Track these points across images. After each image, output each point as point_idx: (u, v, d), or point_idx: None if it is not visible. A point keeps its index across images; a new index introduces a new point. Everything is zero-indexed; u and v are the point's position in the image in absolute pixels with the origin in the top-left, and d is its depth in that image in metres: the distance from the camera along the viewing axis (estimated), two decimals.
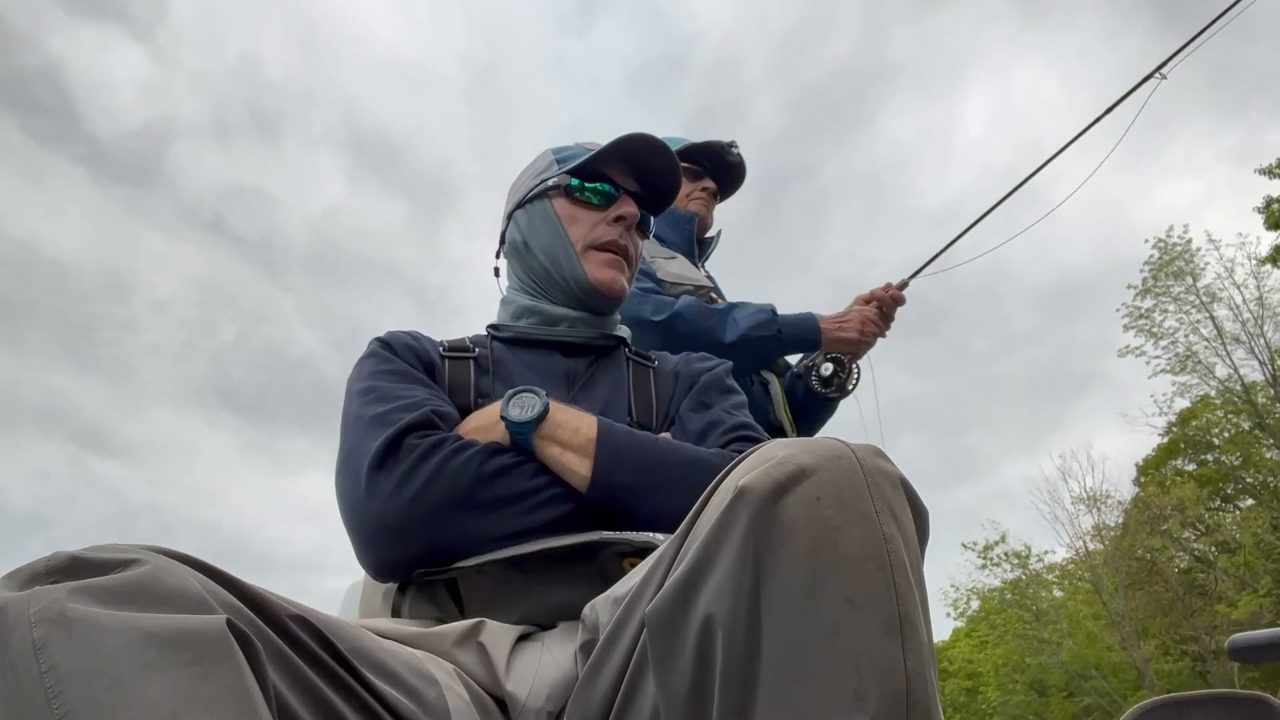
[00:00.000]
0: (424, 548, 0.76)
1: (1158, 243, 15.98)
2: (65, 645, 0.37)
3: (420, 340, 0.98)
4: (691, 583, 0.47)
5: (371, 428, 0.80)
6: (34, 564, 0.42)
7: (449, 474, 0.76)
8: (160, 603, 0.41)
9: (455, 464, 0.76)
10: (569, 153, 1.07)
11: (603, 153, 1.03)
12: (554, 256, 1.02)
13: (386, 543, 0.77)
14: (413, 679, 0.55)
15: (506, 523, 0.76)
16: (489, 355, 0.98)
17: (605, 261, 1.02)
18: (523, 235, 1.06)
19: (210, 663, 0.39)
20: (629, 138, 1.02)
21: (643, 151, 1.04)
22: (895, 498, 0.47)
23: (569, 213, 1.03)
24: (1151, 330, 16.31)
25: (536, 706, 0.61)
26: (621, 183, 1.05)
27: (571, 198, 1.03)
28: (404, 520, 0.75)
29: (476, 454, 0.78)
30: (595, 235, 1.02)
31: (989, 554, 19.64)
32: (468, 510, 0.76)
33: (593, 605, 0.63)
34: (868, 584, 0.43)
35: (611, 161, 1.05)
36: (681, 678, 0.47)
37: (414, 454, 0.77)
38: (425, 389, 0.88)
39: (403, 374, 0.90)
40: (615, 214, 1.02)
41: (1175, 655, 16.50)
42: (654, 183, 1.07)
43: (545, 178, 1.05)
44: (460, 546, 0.76)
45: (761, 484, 0.45)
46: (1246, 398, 15.94)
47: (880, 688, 0.41)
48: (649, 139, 1.02)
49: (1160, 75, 1.81)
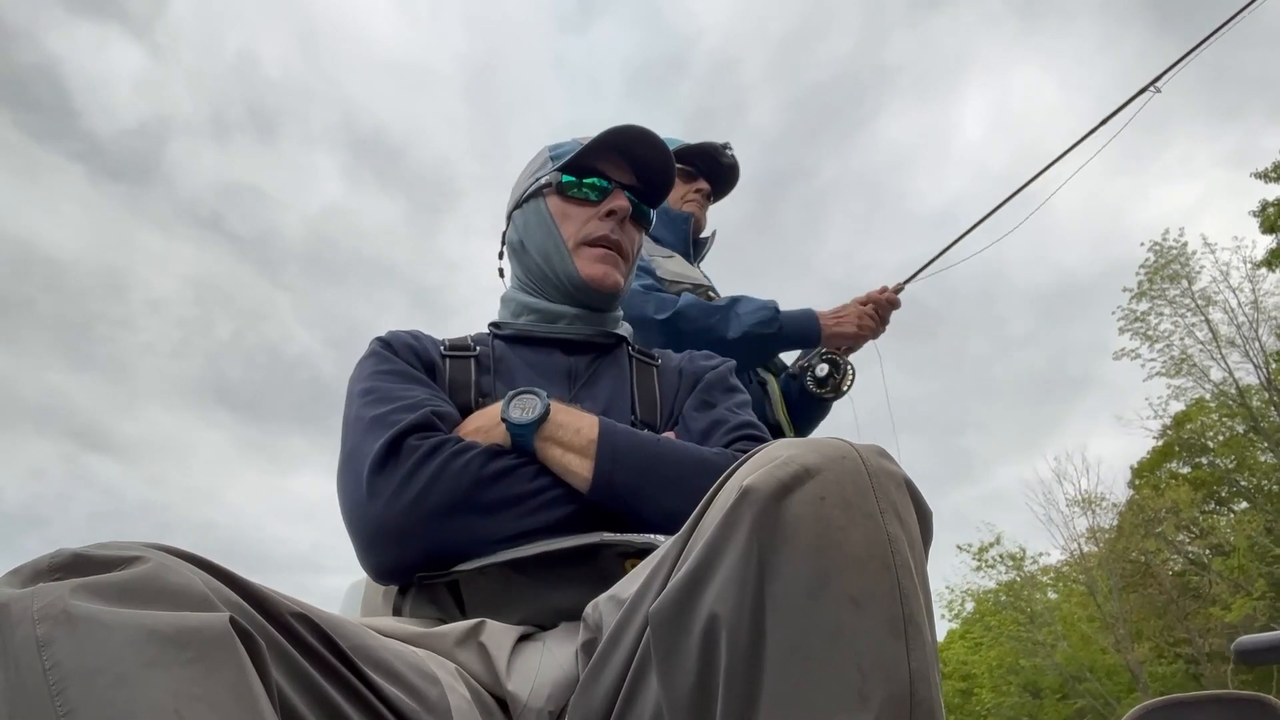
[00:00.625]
0: (424, 551, 0.76)
1: (1153, 246, 16.05)
2: (68, 642, 0.37)
3: (421, 340, 0.98)
4: (696, 582, 0.47)
5: (372, 429, 0.80)
6: (37, 561, 0.42)
7: (449, 477, 0.76)
8: (163, 600, 0.41)
9: (455, 466, 0.76)
10: (564, 149, 1.06)
11: (592, 146, 1.02)
12: (547, 255, 1.02)
13: (387, 546, 0.76)
14: (414, 678, 0.55)
15: (507, 525, 0.76)
16: (490, 353, 0.98)
17: (596, 257, 1.01)
18: (519, 235, 1.06)
19: (213, 660, 0.39)
20: (618, 129, 1.01)
21: (634, 143, 1.04)
22: (900, 498, 0.47)
23: (561, 210, 1.03)
24: (1147, 333, 16.37)
25: (538, 706, 0.61)
26: (615, 176, 1.04)
27: (564, 195, 1.03)
28: (405, 523, 0.75)
29: (477, 456, 0.78)
30: (586, 231, 1.02)
31: (984, 556, 19.69)
32: (468, 513, 0.75)
33: (595, 605, 0.63)
34: (872, 584, 0.43)
35: (604, 155, 1.04)
36: (685, 677, 0.47)
37: (414, 456, 0.77)
38: (425, 389, 0.88)
39: (403, 374, 0.90)
40: (606, 209, 1.02)
41: (1169, 658, 16.55)
42: (648, 174, 1.06)
43: (539, 176, 1.05)
44: (461, 549, 0.76)
45: (766, 484, 0.45)
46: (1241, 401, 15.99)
47: (884, 687, 0.41)
48: (638, 129, 1.02)
49: (1155, 89, 1.81)
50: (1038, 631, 18.30)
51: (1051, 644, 17.90)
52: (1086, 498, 18.54)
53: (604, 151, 1.04)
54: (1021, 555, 19.53)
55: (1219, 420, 16.90)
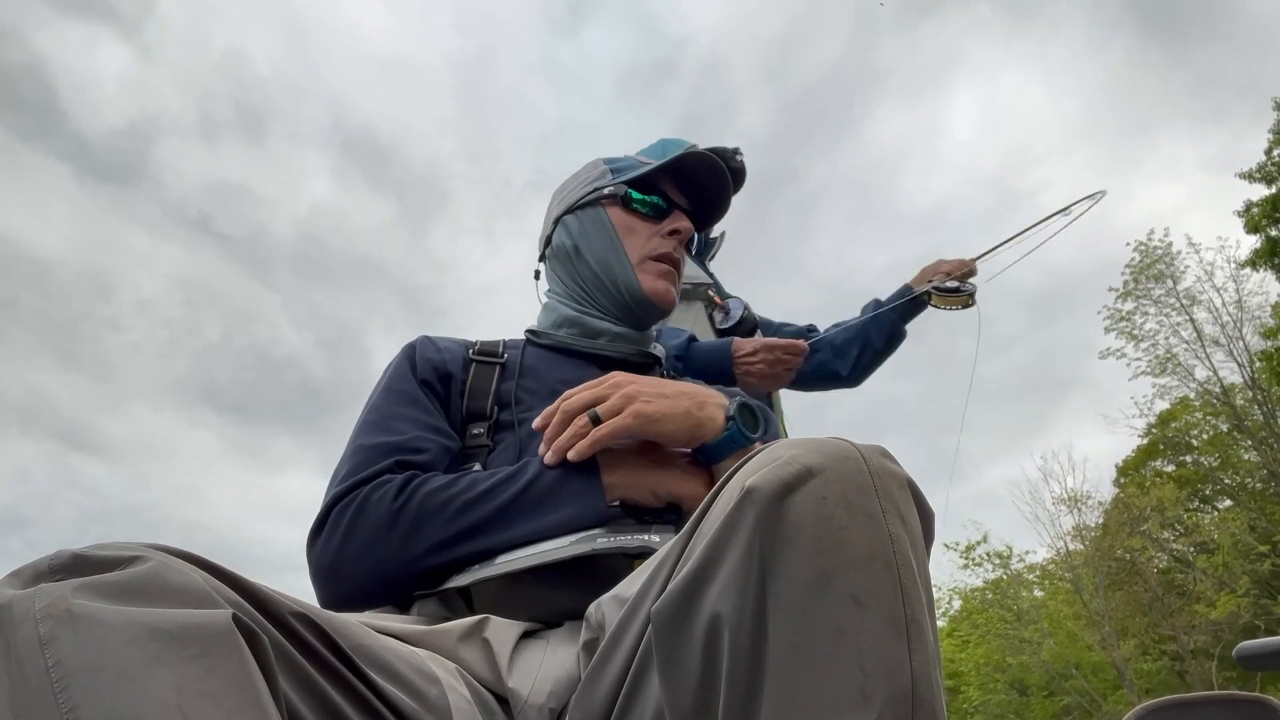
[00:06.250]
0: (368, 592, 0.77)
1: (1139, 246, 16.21)
2: (71, 640, 0.37)
3: (445, 350, 0.98)
4: (698, 581, 0.47)
5: (344, 463, 0.84)
6: (37, 562, 0.42)
7: (365, 518, 0.77)
8: (165, 598, 0.40)
9: (371, 504, 0.78)
10: (622, 163, 1.08)
11: (663, 168, 1.04)
12: (607, 264, 1.03)
13: (333, 589, 0.77)
14: (415, 677, 0.55)
15: (439, 531, 0.76)
16: (518, 360, 0.99)
17: (660, 273, 1.03)
18: (573, 240, 1.06)
19: (216, 657, 0.39)
20: (690, 155, 1.03)
21: (699, 170, 1.06)
22: (902, 498, 0.47)
23: (625, 222, 1.04)
24: (1132, 333, 16.53)
25: (538, 703, 0.61)
26: (673, 197, 1.07)
27: (627, 207, 1.04)
28: (338, 570, 0.77)
29: (391, 488, 0.79)
30: (651, 247, 1.03)
31: (970, 554, 19.82)
32: (392, 539, 0.76)
33: (597, 604, 0.63)
34: (874, 584, 0.43)
35: (665, 175, 1.06)
36: (687, 676, 0.47)
37: (344, 518, 0.78)
38: (414, 425, 0.88)
39: (407, 397, 0.91)
40: (670, 227, 1.04)
41: (1154, 655, 16.71)
42: (704, 201, 1.09)
43: (599, 186, 1.06)
44: (418, 570, 0.76)
45: (768, 483, 0.45)
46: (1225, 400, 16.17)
47: (886, 687, 0.41)
48: (708, 159, 1.04)
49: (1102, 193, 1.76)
50: (1024, 629, 18.45)
51: (1038, 641, 18.05)
52: (1072, 496, 18.71)
53: (666, 173, 1.06)
54: (1008, 553, 19.70)
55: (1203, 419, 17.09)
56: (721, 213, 1.11)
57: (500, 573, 0.74)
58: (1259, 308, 15.55)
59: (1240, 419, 16.02)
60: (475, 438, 0.91)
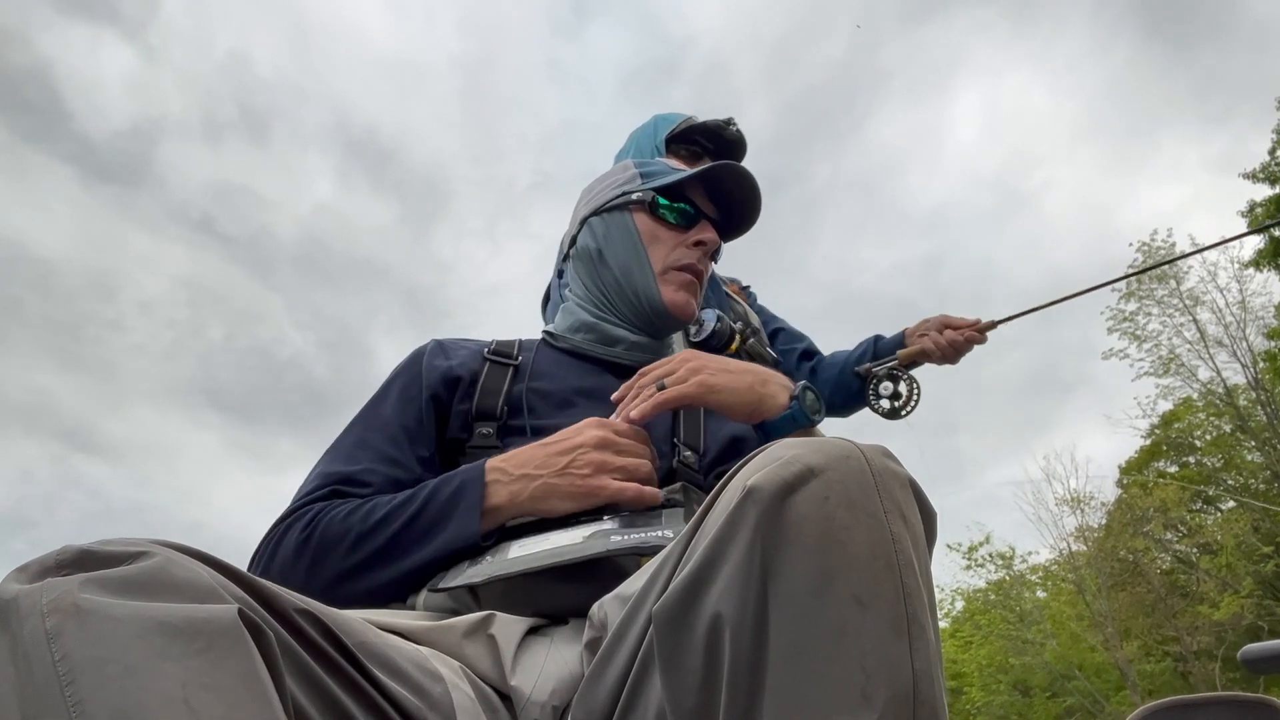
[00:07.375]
0: None
1: (1142, 246, 16.15)
2: (78, 634, 0.37)
3: (455, 355, 0.97)
4: (699, 581, 0.47)
5: (303, 484, 0.86)
6: (44, 558, 0.42)
7: (281, 550, 0.78)
8: (171, 593, 0.41)
9: (288, 537, 0.79)
10: (652, 168, 1.07)
11: (694, 177, 1.03)
12: (629, 271, 1.03)
13: None
14: (418, 675, 0.55)
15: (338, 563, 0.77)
16: (531, 362, 0.98)
17: (682, 283, 1.02)
18: (598, 243, 1.06)
19: (222, 650, 0.39)
20: (723, 167, 1.03)
21: (729, 181, 1.05)
22: (904, 498, 0.47)
23: (650, 230, 1.03)
24: (1135, 333, 16.49)
25: (541, 700, 0.61)
26: (702, 207, 1.06)
27: (654, 214, 1.04)
28: None
29: (304, 520, 0.80)
30: (675, 257, 1.02)
31: (973, 555, 19.80)
32: (298, 572, 0.77)
33: (601, 603, 0.63)
34: (876, 584, 0.43)
35: (695, 184, 1.05)
36: (689, 676, 0.47)
37: (267, 548, 0.80)
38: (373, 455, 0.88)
39: (381, 421, 0.91)
40: (696, 238, 1.03)
41: (1157, 655, 16.67)
42: (732, 212, 1.08)
43: (627, 190, 1.05)
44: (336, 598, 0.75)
45: (770, 483, 0.45)
46: (1228, 400, 16.13)
47: (887, 687, 0.41)
48: (740, 171, 1.03)
49: None
50: (1027, 630, 18.41)
51: (1041, 642, 18.01)
52: (1075, 497, 18.67)
53: (696, 181, 1.05)
54: (1011, 554, 19.67)
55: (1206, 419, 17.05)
56: (749, 224, 1.10)
57: (514, 572, 0.73)
58: (1262, 308, 15.51)
59: (1244, 419, 15.98)
60: (484, 437, 0.91)
